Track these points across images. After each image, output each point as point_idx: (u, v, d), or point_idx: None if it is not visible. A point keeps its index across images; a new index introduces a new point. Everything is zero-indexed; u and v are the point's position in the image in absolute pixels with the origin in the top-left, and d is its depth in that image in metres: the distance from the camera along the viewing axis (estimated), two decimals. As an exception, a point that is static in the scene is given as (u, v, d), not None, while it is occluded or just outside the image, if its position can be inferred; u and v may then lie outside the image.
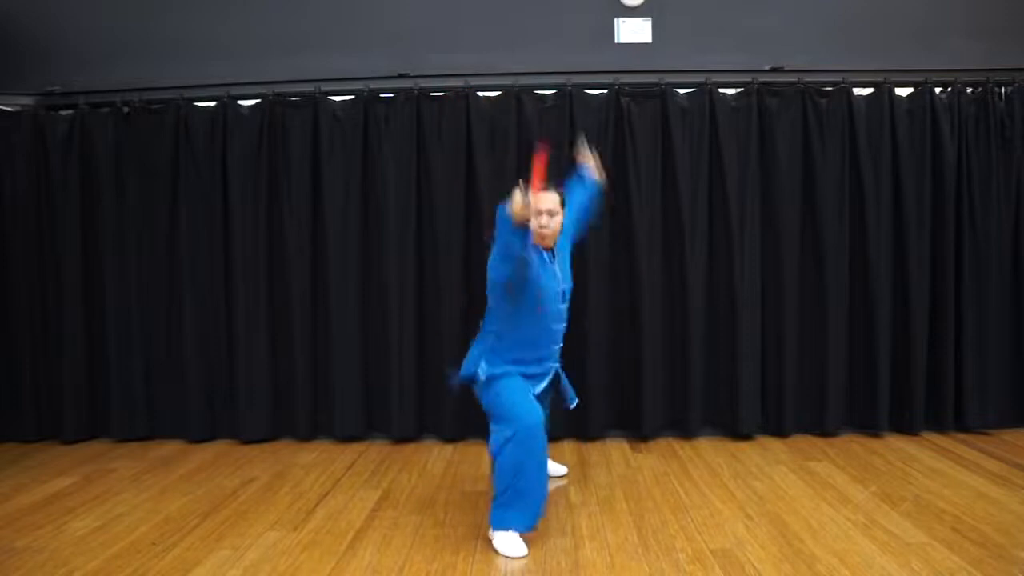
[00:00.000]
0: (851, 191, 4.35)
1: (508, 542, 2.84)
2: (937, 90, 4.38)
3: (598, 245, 4.34)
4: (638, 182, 4.36)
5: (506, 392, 2.98)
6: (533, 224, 2.88)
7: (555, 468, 3.75)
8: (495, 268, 2.91)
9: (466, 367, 3.13)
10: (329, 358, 4.47)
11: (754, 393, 4.36)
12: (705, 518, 3.15)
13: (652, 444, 4.30)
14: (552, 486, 3.61)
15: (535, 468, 2.87)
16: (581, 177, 3.53)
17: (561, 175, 3.55)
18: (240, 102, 4.50)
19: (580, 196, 3.42)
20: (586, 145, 3.54)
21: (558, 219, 3.03)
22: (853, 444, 4.21)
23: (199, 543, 2.99)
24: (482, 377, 3.04)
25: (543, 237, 3.02)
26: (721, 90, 4.38)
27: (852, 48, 4.42)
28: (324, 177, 4.44)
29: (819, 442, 4.26)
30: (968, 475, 3.63)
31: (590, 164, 3.49)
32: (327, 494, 3.56)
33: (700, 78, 4.35)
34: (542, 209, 2.97)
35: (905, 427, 4.36)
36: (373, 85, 4.43)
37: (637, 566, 2.71)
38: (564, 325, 3.21)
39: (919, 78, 4.36)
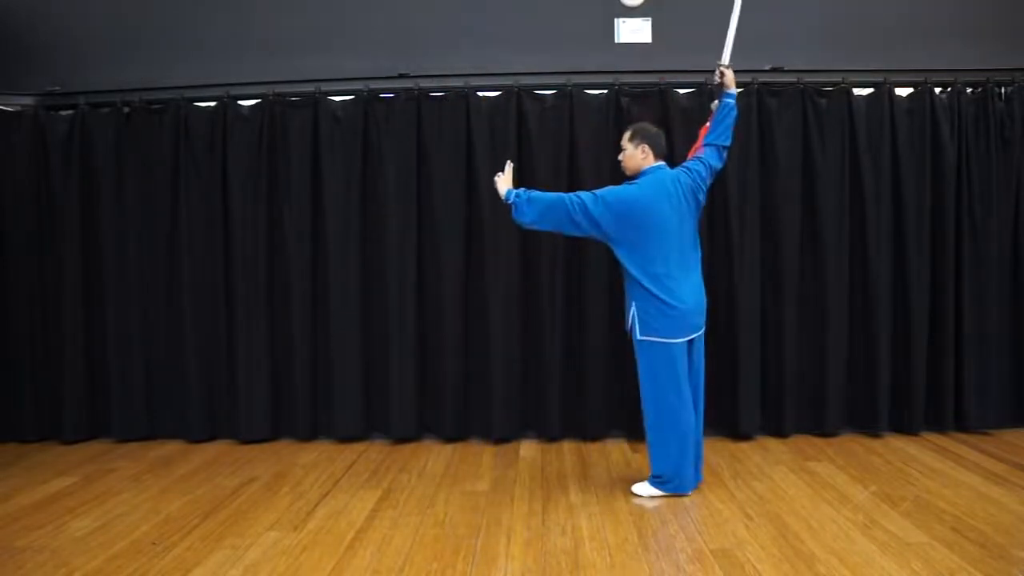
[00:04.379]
0: (851, 191, 4.35)
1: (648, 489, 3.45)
2: (937, 90, 4.37)
3: (597, 244, 4.33)
4: (638, 182, 4.35)
5: None
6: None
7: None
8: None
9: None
10: (329, 358, 4.47)
11: (754, 393, 4.36)
12: (705, 518, 3.15)
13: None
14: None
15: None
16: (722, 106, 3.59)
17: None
18: (240, 102, 4.50)
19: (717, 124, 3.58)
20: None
21: (627, 152, 3.49)
22: (853, 444, 4.21)
23: (199, 543, 2.99)
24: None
25: (624, 169, 3.55)
26: (721, 90, 4.37)
27: (852, 48, 4.41)
28: (324, 177, 4.44)
29: (819, 442, 4.25)
30: (968, 475, 3.63)
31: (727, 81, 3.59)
32: (327, 494, 3.56)
33: (700, 78, 4.34)
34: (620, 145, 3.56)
35: (905, 427, 4.36)
36: (373, 85, 4.43)
37: (637, 566, 2.71)
38: None
39: (919, 78, 4.36)
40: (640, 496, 3.43)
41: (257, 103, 4.50)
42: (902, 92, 4.40)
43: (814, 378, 4.38)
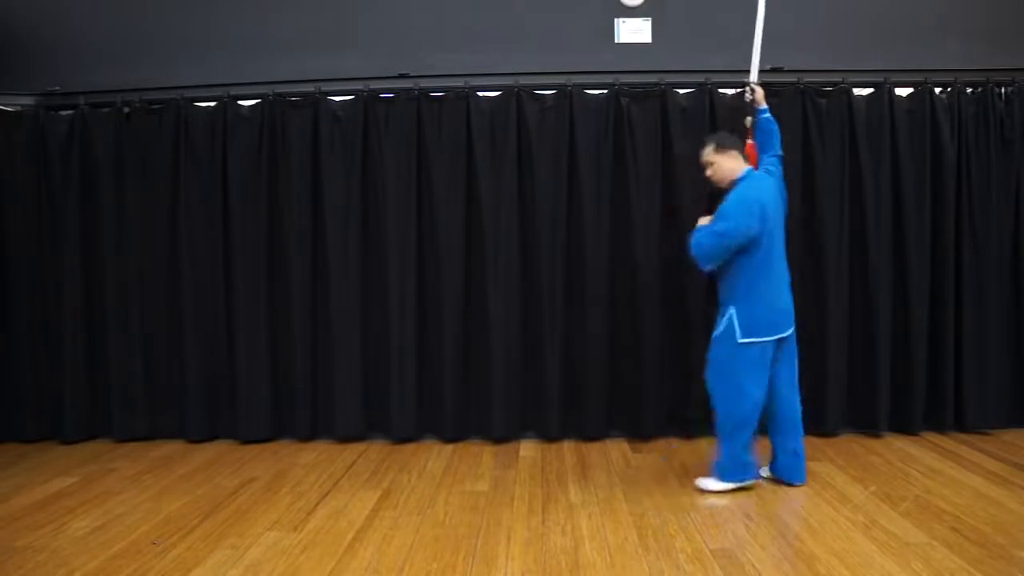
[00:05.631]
0: (851, 191, 4.35)
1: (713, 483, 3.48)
2: (937, 90, 4.37)
3: (597, 244, 4.34)
4: (638, 182, 4.35)
5: None
6: None
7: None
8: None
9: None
10: (329, 358, 4.47)
11: (754, 393, 4.35)
12: (705, 518, 3.15)
13: (652, 444, 4.30)
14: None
15: None
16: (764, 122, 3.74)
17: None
18: (240, 102, 4.50)
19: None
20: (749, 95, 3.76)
21: (715, 167, 3.53)
22: (853, 444, 4.21)
23: (199, 543, 2.99)
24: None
25: (715, 183, 3.59)
26: (721, 90, 4.37)
27: (852, 48, 4.41)
28: (324, 177, 4.44)
29: (819, 442, 4.25)
30: (968, 475, 3.63)
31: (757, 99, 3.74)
32: (327, 494, 3.56)
33: (700, 78, 4.35)
34: (703, 162, 3.60)
35: (905, 427, 4.36)
36: (373, 85, 4.43)
37: (637, 566, 2.71)
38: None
39: (919, 78, 4.36)
40: (706, 490, 3.45)
41: (257, 103, 4.49)
42: (902, 92, 4.40)
43: (815, 378, 4.37)
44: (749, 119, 3.74)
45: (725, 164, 3.51)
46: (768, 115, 3.72)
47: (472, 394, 4.46)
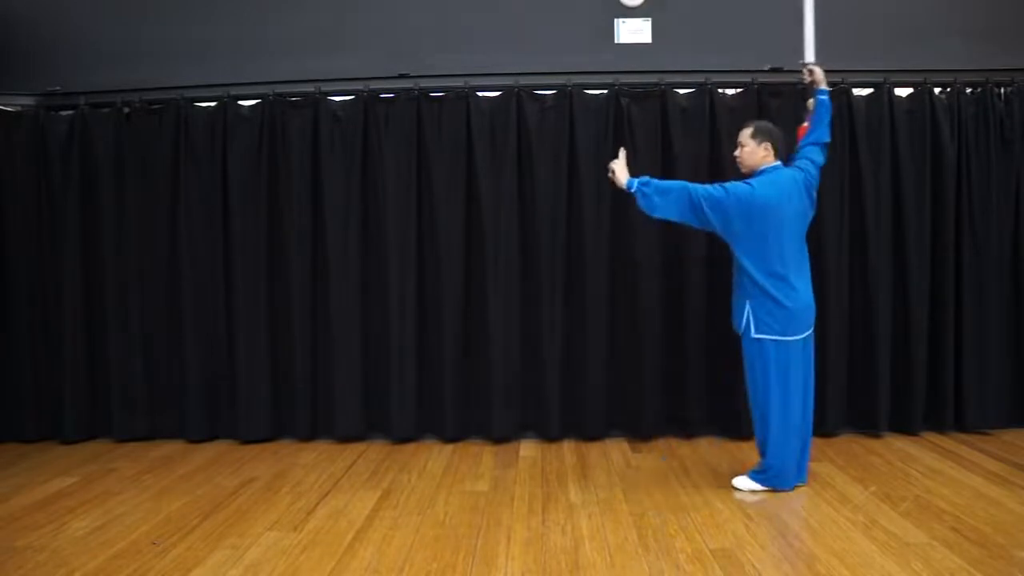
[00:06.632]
0: (851, 191, 4.35)
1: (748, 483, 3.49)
2: (937, 90, 4.37)
3: (597, 244, 4.34)
4: (638, 182, 4.35)
5: None
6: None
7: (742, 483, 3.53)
8: None
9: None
10: (329, 358, 4.47)
11: (754, 393, 4.35)
12: (705, 518, 3.15)
13: (652, 444, 4.31)
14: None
15: None
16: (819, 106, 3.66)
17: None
18: (240, 102, 4.50)
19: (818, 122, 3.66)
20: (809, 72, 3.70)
21: (747, 148, 3.50)
22: (853, 444, 4.21)
23: (199, 543, 2.99)
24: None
25: (740, 165, 3.57)
26: (721, 90, 4.37)
27: (852, 48, 4.40)
28: (324, 177, 4.44)
29: (819, 442, 4.23)
30: (968, 475, 3.63)
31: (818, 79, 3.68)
32: (327, 494, 3.56)
33: (700, 78, 4.35)
34: (737, 142, 3.57)
35: (905, 427, 4.36)
36: (373, 85, 4.43)
37: (637, 566, 2.71)
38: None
39: (919, 78, 4.36)
40: (740, 490, 3.45)
41: (257, 103, 4.49)
42: (902, 92, 4.40)
43: (815, 378, 4.37)
44: (811, 101, 3.67)
45: (756, 153, 3.48)
46: (827, 97, 3.63)
47: (472, 394, 4.46)
